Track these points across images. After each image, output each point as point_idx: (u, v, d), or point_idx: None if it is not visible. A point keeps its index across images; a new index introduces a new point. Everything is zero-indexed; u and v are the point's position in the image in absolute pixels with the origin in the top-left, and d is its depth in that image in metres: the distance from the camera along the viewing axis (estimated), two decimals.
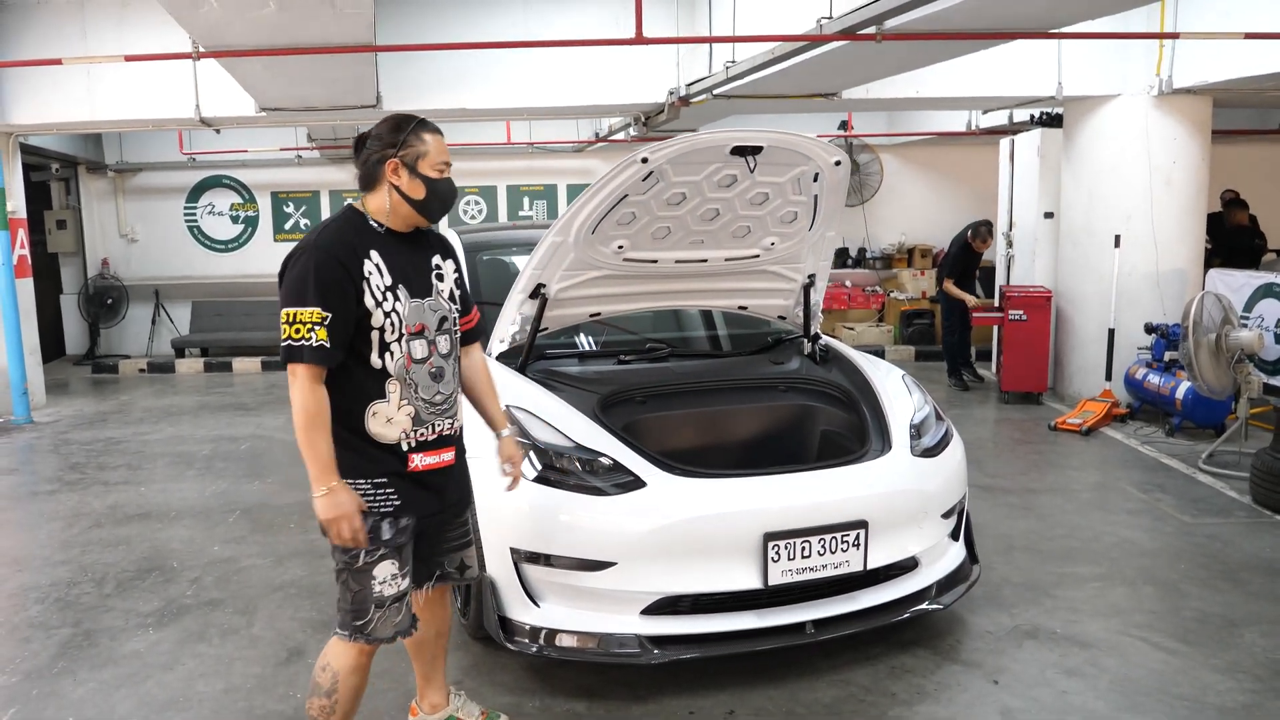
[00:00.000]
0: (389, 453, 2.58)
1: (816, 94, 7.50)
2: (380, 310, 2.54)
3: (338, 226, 2.61)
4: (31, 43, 7.60)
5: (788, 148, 3.62)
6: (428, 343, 2.64)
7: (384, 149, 2.60)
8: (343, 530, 2.47)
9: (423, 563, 2.78)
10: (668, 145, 3.44)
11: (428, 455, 2.64)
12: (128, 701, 3.41)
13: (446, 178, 2.66)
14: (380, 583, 2.57)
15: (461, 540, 2.86)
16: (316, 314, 2.45)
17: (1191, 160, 7.64)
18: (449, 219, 12.04)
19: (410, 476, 2.61)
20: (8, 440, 7.61)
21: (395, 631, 2.63)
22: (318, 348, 2.45)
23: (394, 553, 2.59)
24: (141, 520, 5.46)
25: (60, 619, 4.14)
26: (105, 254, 11.87)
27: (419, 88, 7.74)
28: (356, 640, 2.61)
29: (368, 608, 2.58)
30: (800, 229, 4.04)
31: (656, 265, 4.00)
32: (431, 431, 2.65)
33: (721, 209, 3.80)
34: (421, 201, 2.63)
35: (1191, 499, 5.52)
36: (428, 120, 2.66)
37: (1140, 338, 7.53)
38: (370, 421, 2.56)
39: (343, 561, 2.58)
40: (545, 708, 3.29)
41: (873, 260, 12.11)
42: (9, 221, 8.05)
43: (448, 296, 2.74)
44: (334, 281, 2.47)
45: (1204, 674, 3.47)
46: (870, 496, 3.44)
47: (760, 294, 4.38)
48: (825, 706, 3.28)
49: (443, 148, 2.64)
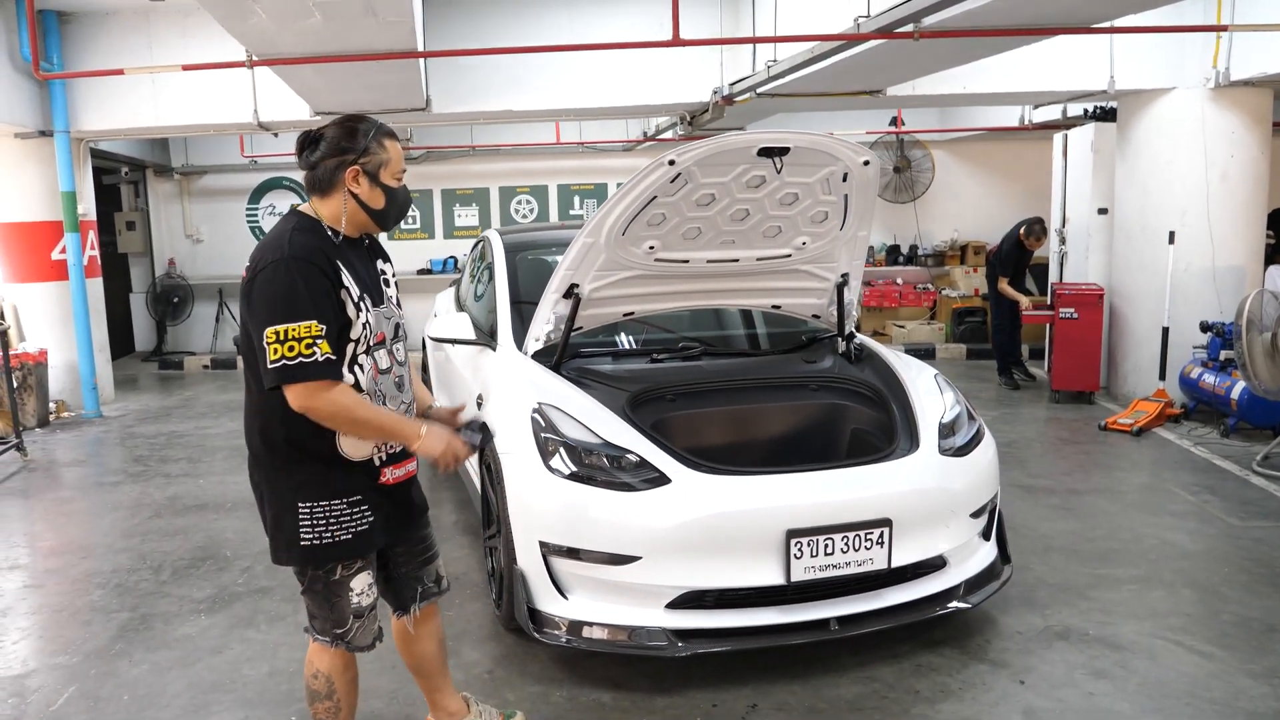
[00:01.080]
0: (360, 470, 2.53)
1: (861, 91, 7.48)
2: (358, 321, 2.46)
3: (303, 236, 2.44)
4: (100, 53, 7.93)
5: (815, 148, 3.65)
6: (388, 352, 2.60)
7: (343, 155, 2.48)
8: (458, 453, 2.54)
9: (403, 583, 2.79)
10: (694, 147, 3.50)
11: (396, 468, 2.62)
12: (178, 682, 3.58)
13: (404, 186, 2.61)
14: (358, 594, 2.58)
15: (429, 552, 2.84)
16: (314, 327, 2.33)
17: (1250, 154, 7.44)
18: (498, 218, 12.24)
19: (381, 490, 2.58)
20: (78, 433, 7.95)
21: (373, 639, 2.66)
22: (323, 362, 2.34)
23: (369, 564, 2.60)
24: (199, 511, 5.69)
25: (119, 603, 4.35)
26: (172, 254, 12.29)
27: (467, 91, 7.92)
28: (338, 646, 2.62)
29: (346, 618, 2.58)
30: (831, 228, 4.07)
31: (688, 265, 4.06)
32: (398, 444, 2.62)
33: (751, 209, 3.85)
34: (380, 211, 2.55)
35: (1241, 501, 5.40)
36: (386, 125, 2.57)
37: (1196, 336, 7.37)
38: (341, 440, 2.48)
39: (317, 577, 2.55)
40: (571, 697, 3.38)
41: (924, 257, 11.99)
42: (80, 223, 8.40)
43: (396, 303, 2.70)
44: (323, 291, 2.38)
45: (1238, 679, 3.42)
46: (894, 495, 3.46)
47: (793, 293, 4.41)
48: (848, 703, 3.31)
49: (401, 155, 2.58)
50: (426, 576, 2.84)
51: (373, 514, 2.55)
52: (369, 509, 2.55)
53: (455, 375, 5.20)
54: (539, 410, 3.65)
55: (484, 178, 12.30)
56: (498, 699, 3.36)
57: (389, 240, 12.23)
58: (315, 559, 2.52)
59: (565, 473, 3.44)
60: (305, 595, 2.62)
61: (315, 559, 2.52)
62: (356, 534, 2.52)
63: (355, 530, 2.52)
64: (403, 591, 2.80)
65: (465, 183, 12.31)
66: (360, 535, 2.53)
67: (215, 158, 12.04)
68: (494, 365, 4.39)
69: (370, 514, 2.55)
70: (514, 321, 4.54)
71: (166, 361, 11.39)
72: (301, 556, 2.52)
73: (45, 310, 8.44)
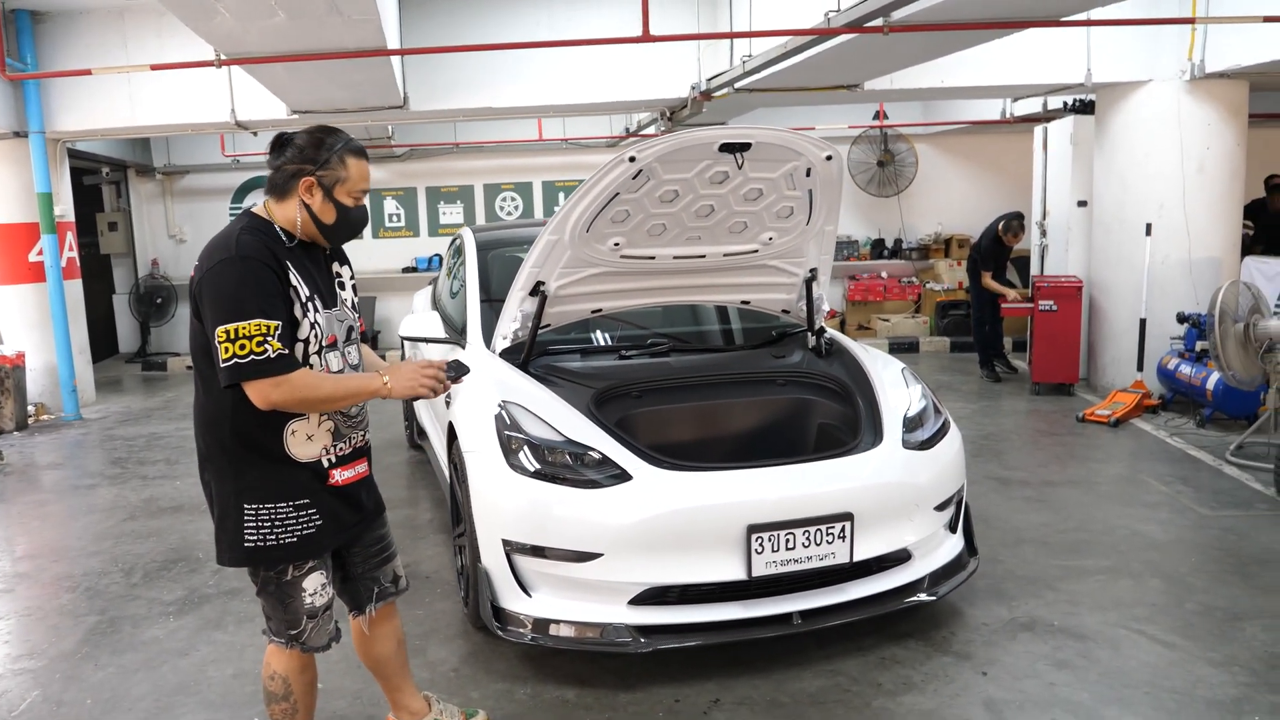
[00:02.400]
0: (308, 471, 2.52)
1: (838, 86, 7.49)
2: (306, 322, 2.47)
3: (253, 236, 2.44)
4: (75, 53, 7.91)
5: (776, 144, 3.65)
6: (340, 354, 2.59)
7: (302, 164, 2.48)
8: (428, 384, 2.53)
9: (359, 583, 2.77)
10: (655, 143, 3.50)
11: (345, 469, 2.61)
12: (143, 685, 3.58)
13: (360, 205, 2.57)
14: (310, 594, 2.57)
15: (386, 552, 2.83)
16: (264, 325, 2.33)
17: (1226, 146, 7.46)
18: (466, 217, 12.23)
19: (330, 491, 2.56)
20: (57, 436, 7.93)
21: (328, 639, 2.65)
22: (275, 358, 2.33)
23: (321, 564, 2.58)
24: (173, 513, 5.68)
25: (89, 607, 4.34)
26: (155, 254, 12.25)
27: (446, 88, 7.91)
28: (293, 648, 2.61)
29: (300, 619, 2.57)
30: (798, 223, 4.08)
31: (654, 262, 4.06)
32: (349, 445, 2.62)
33: (716, 205, 3.85)
34: (330, 227, 2.53)
35: (1213, 491, 5.43)
36: (355, 141, 2.55)
37: (1173, 328, 7.38)
38: (289, 441, 2.48)
39: (269, 578, 2.55)
40: (535, 695, 3.38)
41: (909, 251, 11.99)
42: (57, 225, 8.37)
43: (350, 305, 2.70)
44: (273, 289, 2.38)
45: (1198, 667, 3.44)
46: (856, 489, 3.47)
47: (762, 289, 4.41)
48: (810, 696, 3.32)
49: (364, 175, 2.54)
50: (383, 577, 2.83)
51: (320, 517, 2.54)
52: (316, 512, 2.53)
53: None
54: (503, 408, 3.65)
55: (468, 175, 12.28)
56: (462, 697, 3.36)
57: (372, 238, 12.23)
58: (258, 561, 2.51)
59: (529, 470, 3.44)
60: (260, 596, 2.62)
61: (258, 561, 2.51)
62: (302, 537, 2.51)
63: (300, 534, 2.51)
64: (359, 591, 2.80)
65: (449, 180, 12.29)
66: (306, 538, 2.52)
67: (197, 157, 12.00)
68: None
69: (318, 517, 2.53)
70: (483, 319, 4.54)
71: (150, 363, 11.36)
72: (244, 558, 2.51)
73: (23, 312, 8.42)
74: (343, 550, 2.74)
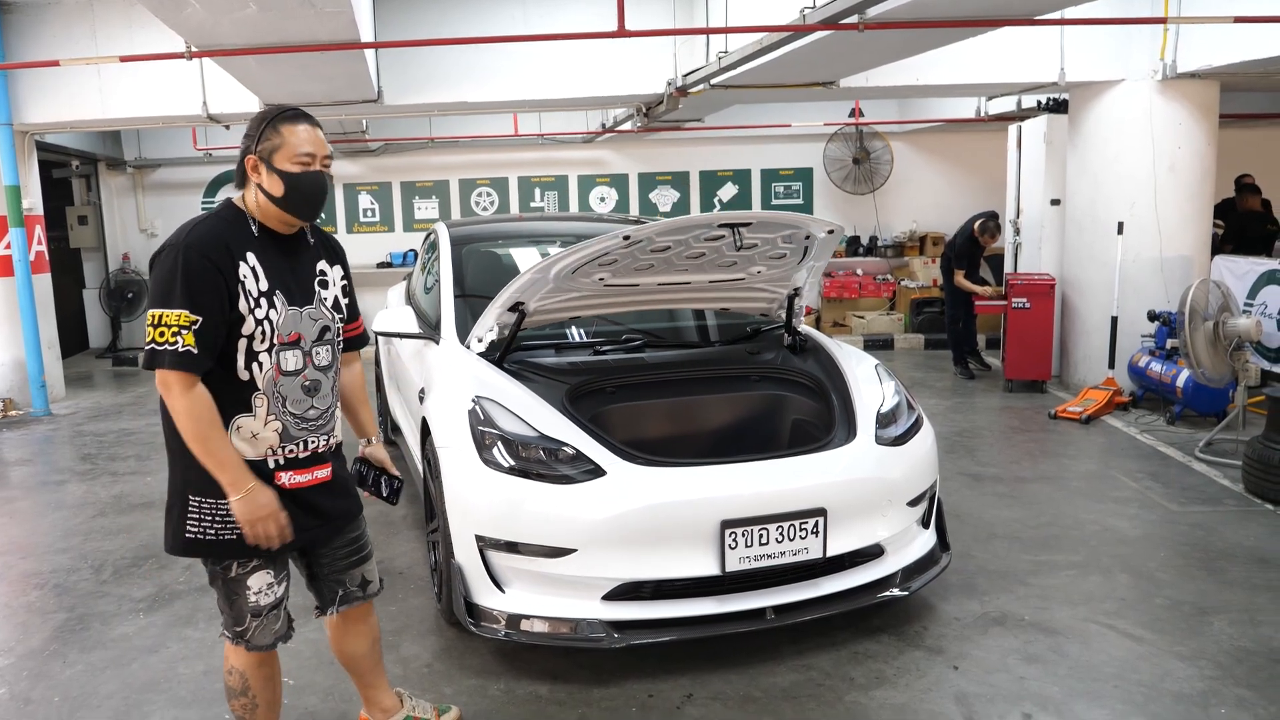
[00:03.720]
0: (254, 470, 2.43)
1: (813, 83, 7.50)
2: (252, 317, 2.40)
3: (213, 224, 2.43)
4: (42, 43, 7.78)
5: (778, 222, 3.70)
6: (303, 354, 2.51)
7: (246, 145, 2.46)
8: (269, 530, 2.40)
9: (323, 584, 2.73)
10: (650, 227, 3.53)
11: (298, 473, 2.52)
12: (112, 682, 3.53)
13: (311, 171, 2.45)
14: (255, 593, 2.52)
15: (356, 556, 2.76)
16: (184, 317, 2.29)
17: (1196, 145, 7.55)
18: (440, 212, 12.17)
19: (282, 493, 2.47)
20: (26, 432, 7.82)
21: (275, 639, 2.60)
22: (182, 353, 2.29)
23: (267, 563, 2.52)
24: (144, 509, 5.61)
25: (56, 604, 4.28)
26: (126, 249, 12.10)
27: (420, 82, 7.85)
28: (239, 644, 2.58)
29: (244, 616, 2.53)
30: (789, 263, 4.08)
31: (639, 287, 4.05)
32: (303, 448, 2.53)
33: (708, 253, 3.84)
34: (282, 199, 2.44)
35: (1182, 487, 5.49)
36: (297, 110, 2.47)
37: (1144, 325, 7.47)
38: (234, 437, 2.42)
39: (215, 572, 2.52)
40: (509, 690, 3.37)
41: (884, 248, 12.05)
42: (25, 218, 8.24)
43: (331, 305, 2.62)
44: (205, 282, 2.32)
45: (1166, 661, 3.48)
46: (829, 484, 3.48)
47: (742, 300, 4.42)
48: (783, 690, 3.33)
49: (308, 139, 2.44)
50: (349, 580, 2.76)
51: None
52: None
53: (402, 369, 5.18)
54: (477, 403, 3.64)
55: (443, 170, 12.21)
56: (435, 693, 3.35)
57: (346, 233, 12.14)
58: (198, 552, 2.47)
59: (503, 466, 3.43)
60: (212, 588, 2.58)
61: (198, 552, 2.47)
62: (242, 534, 2.43)
63: (240, 531, 2.43)
64: (324, 592, 2.76)
65: (424, 175, 12.22)
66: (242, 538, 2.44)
67: (169, 151, 11.86)
68: (436, 358, 4.36)
69: None
70: (457, 314, 4.52)
71: (120, 358, 11.20)
72: (184, 548, 2.46)
73: None
74: (308, 550, 2.69)
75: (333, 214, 12.17)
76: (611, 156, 12.29)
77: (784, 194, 12.35)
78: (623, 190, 12.34)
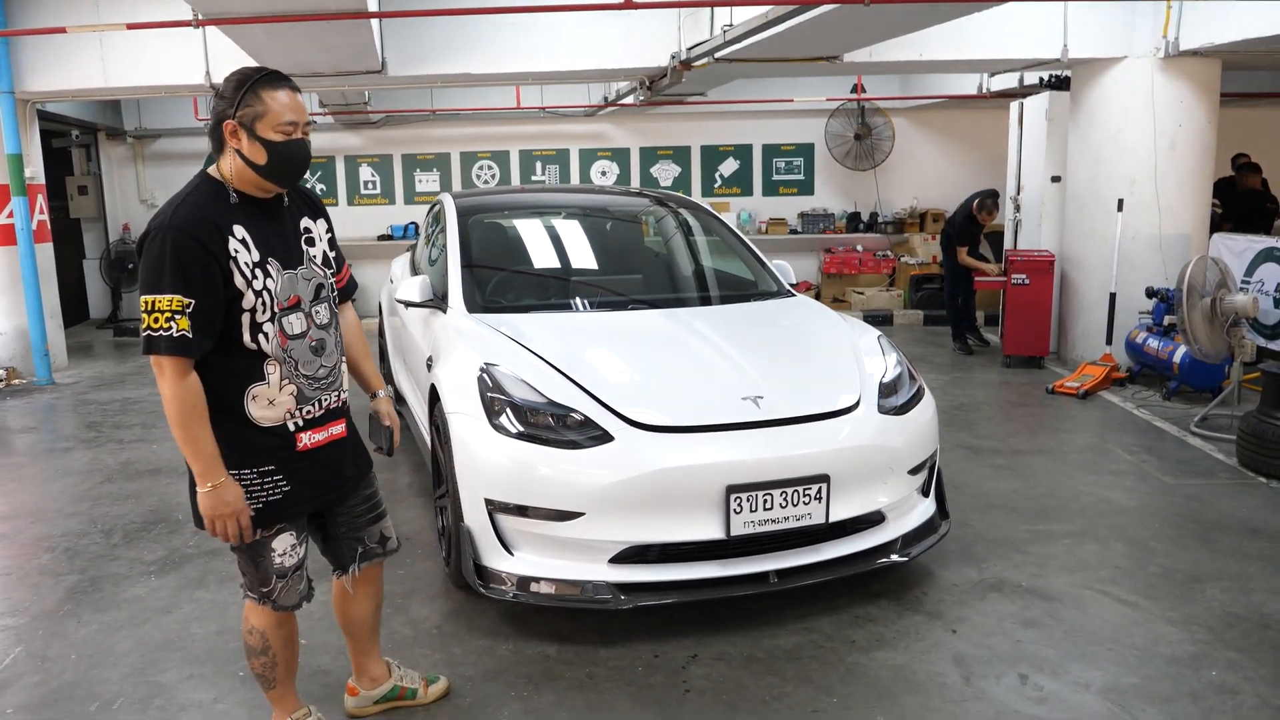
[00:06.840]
0: (274, 436, 2.48)
1: (817, 57, 7.50)
2: (251, 290, 2.38)
3: (195, 200, 2.38)
4: (45, 11, 7.74)
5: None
6: (304, 315, 2.52)
7: (224, 109, 2.38)
8: (227, 527, 2.40)
9: (341, 543, 2.77)
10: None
11: (316, 432, 2.56)
12: (127, 641, 3.60)
13: (295, 139, 2.41)
14: (280, 554, 2.56)
15: (373, 512, 2.81)
16: (177, 301, 2.27)
17: (1197, 124, 7.57)
18: (442, 184, 12.16)
19: (300, 456, 2.53)
20: (29, 400, 7.87)
21: (299, 599, 2.66)
22: (178, 338, 2.28)
23: (290, 524, 2.56)
24: (151, 475, 5.67)
25: (69, 566, 4.35)
26: (126, 219, 12.09)
27: (424, 54, 7.83)
28: (264, 605, 2.62)
29: (270, 577, 2.58)
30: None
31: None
32: (319, 407, 2.57)
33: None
34: (265, 167, 2.40)
35: (1177, 460, 5.57)
36: (278, 74, 2.41)
37: (1142, 302, 7.53)
38: (250, 406, 2.44)
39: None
40: (517, 650, 3.45)
41: (884, 225, 12.08)
42: (27, 187, 8.25)
43: (321, 261, 2.61)
44: (196, 264, 2.29)
45: (1159, 626, 3.56)
46: (833, 451, 3.54)
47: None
48: (785, 652, 3.40)
49: (290, 106, 2.39)
50: (369, 537, 2.82)
51: (288, 482, 2.52)
52: (283, 478, 2.51)
53: (409, 339, 5.22)
54: (486, 371, 3.69)
55: (445, 143, 12.20)
56: (445, 653, 3.43)
57: (347, 205, 12.14)
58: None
59: (512, 432, 3.49)
60: (234, 553, 2.62)
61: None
62: (267, 504, 2.49)
63: (266, 500, 2.49)
64: (341, 552, 2.80)
65: (426, 148, 12.20)
66: (272, 505, 2.51)
67: (169, 120, 11.83)
68: (444, 327, 4.41)
69: (285, 483, 2.51)
70: (464, 283, 4.57)
71: (121, 328, 11.23)
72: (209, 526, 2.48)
73: None
74: (324, 511, 2.73)
75: (333, 186, 12.16)
76: (613, 130, 12.27)
77: (785, 169, 12.35)
78: (624, 164, 12.34)
